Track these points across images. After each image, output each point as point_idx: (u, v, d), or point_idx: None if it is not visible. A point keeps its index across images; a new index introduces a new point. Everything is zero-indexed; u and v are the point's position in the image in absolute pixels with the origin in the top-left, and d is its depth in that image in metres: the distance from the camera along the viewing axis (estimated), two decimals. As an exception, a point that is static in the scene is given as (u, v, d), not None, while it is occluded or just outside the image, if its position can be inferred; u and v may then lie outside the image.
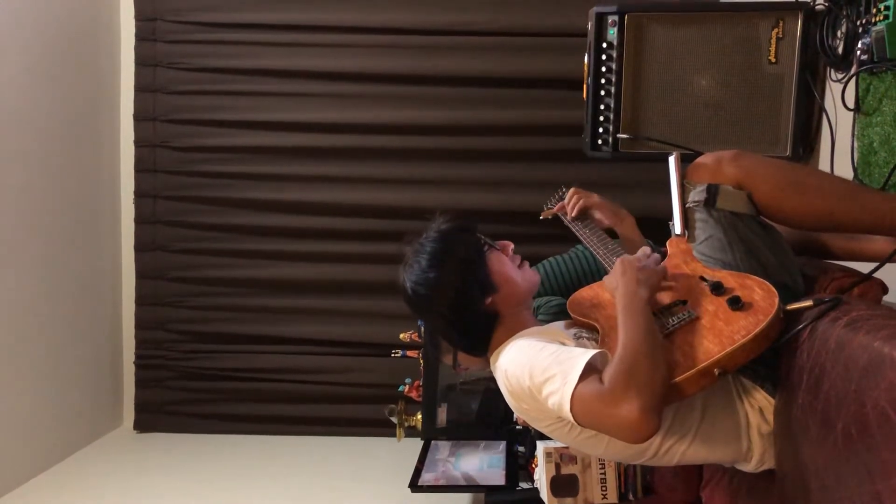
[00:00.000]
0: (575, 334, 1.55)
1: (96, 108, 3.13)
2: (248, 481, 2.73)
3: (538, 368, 1.36)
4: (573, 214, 1.83)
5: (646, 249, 1.52)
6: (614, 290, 1.42)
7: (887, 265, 1.39)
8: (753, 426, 1.40)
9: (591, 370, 1.29)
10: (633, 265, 1.42)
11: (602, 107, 2.38)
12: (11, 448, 2.65)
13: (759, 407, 1.40)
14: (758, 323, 1.26)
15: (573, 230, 1.87)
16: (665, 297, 1.43)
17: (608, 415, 1.22)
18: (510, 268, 1.63)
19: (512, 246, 1.68)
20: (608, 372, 1.25)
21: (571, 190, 1.87)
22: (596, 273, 2.21)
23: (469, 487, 2.35)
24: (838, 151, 2.22)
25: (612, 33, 2.34)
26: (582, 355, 1.32)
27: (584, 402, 1.26)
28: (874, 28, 1.92)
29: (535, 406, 1.42)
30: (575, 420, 1.29)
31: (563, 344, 1.45)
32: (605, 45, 2.35)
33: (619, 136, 2.38)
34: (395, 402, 2.66)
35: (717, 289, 1.37)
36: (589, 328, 1.57)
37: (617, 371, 1.23)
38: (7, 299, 2.62)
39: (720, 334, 1.28)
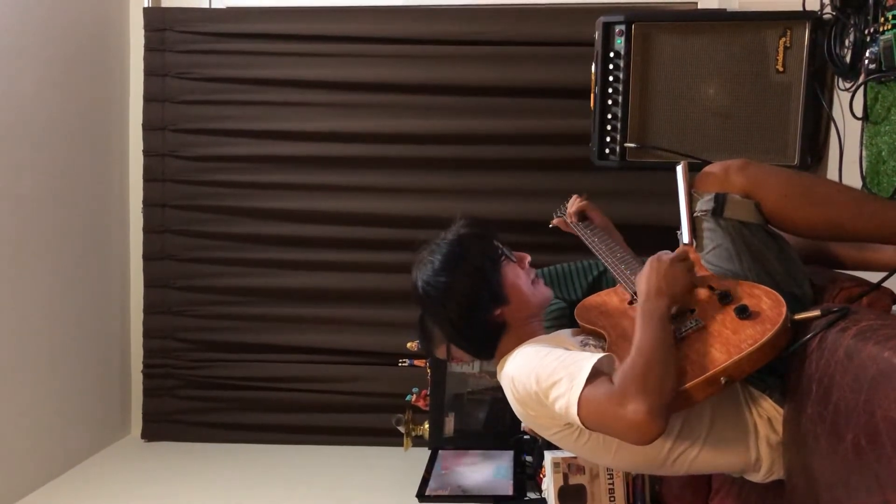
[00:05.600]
0: (581, 341, 1.55)
1: (105, 117, 3.15)
2: (256, 490, 2.72)
3: (544, 373, 1.36)
4: (573, 219, 1.90)
5: (682, 251, 1.48)
6: (639, 291, 1.41)
7: (896, 274, 1.39)
8: (762, 436, 1.39)
9: (597, 373, 1.29)
10: (659, 270, 1.40)
11: (609, 116, 2.39)
12: (19, 457, 2.65)
13: (767, 416, 1.39)
14: (765, 332, 1.26)
15: (581, 238, 1.87)
16: (673, 307, 1.42)
17: (615, 415, 1.22)
18: (524, 281, 1.63)
19: (528, 258, 1.67)
20: (619, 373, 1.26)
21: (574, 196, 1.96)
22: (595, 285, 2.21)
23: (476, 498, 2.34)
24: (846, 160, 2.22)
25: (620, 43, 2.34)
26: (588, 359, 1.32)
27: (591, 404, 1.27)
28: (882, 37, 1.93)
29: (542, 412, 1.42)
30: (582, 423, 1.29)
31: (569, 350, 1.45)
32: (612, 54, 2.36)
33: (627, 145, 2.38)
34: (402, 412, 2.65)
35: (725, 298, 1.37)
36: (596, 336, 1.56)
37: (628, 373, 1.24)
38: (15, 307, 2.63)
39: (727, 343, 1.28)
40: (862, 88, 2.08)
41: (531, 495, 2.33)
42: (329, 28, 3.03)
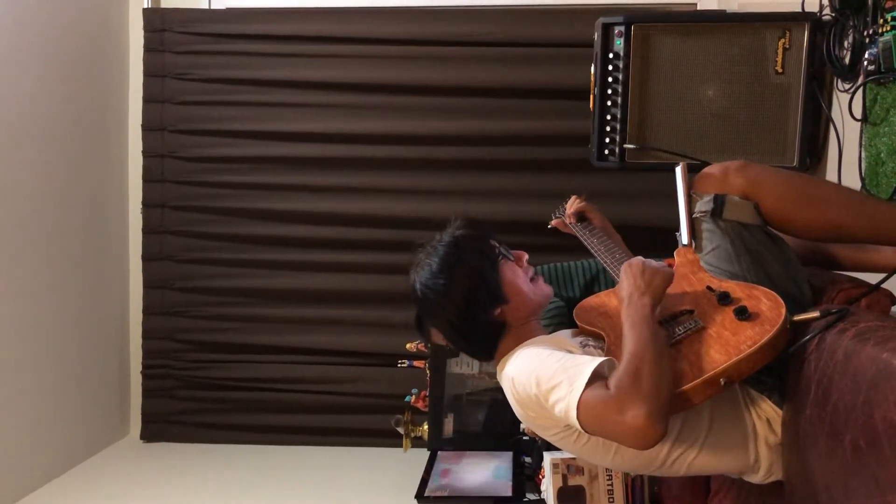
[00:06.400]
0: (581, 342, 1.55)
1: (105, 118, 3.15)
2: (255, 491, 2.72)
3: (545, 376, 1.36)
4: (572, 219, 1.89)
5: (649, 260, 1.51)
6: (621, 300, 1.42)
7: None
8: (761, 437, 1.39)
9: (597, 377, 1.29)
10: (636, 272, 1.41)
11: (609, 117, 2.39)
12: (18, 458, 2.65)
13: (766, 418, 1.39)
14: (764, 333, 1.26)
15: (580, 238, 1.87)
16: (672, 307, 1.43)
17: (614, 421, 1.22)
18: (523, 280, 1.63)
19: (526, 256, 1.67)
20: (614, 378, 1.25)
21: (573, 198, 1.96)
22: (592, 284, 2.22)
23: (475, 499, 2.34)
24: (846, 162, 2.22)
25: (619, 44, 2.34)
26: (589, 363, 1.32)
27: (590, 408, 1.26)
28: (881, 38, 1.93)
29: (541, 414, 1.42)
30: (581, 427, 1.29)
31: (570, 352, 1.45)
32: (611, 55, 2.36)
33: (626, 146, 2.38)
34: (401, 413, 2.65)
35: (724, 299, 1.37)
36: (595, 336, 1.56)
37: (623, 377, 1.24)
38: (14, 308, 2.63)
39: (726, 344, 1.28)
40: (861, 90, 2.08)
41: (530, 496, 2.33)
42: (328, 29, 3.03)
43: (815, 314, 1.27)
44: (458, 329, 1.61)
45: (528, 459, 2.50)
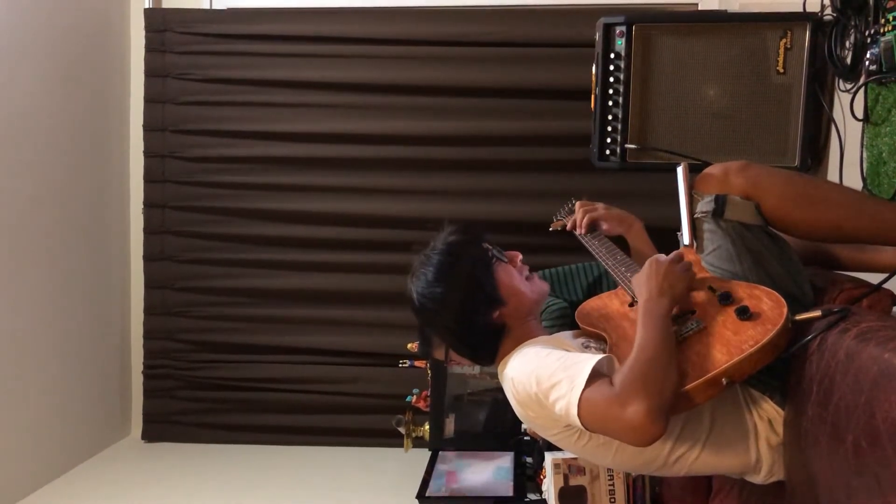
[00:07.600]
0: (583, 343, 1.55)
1: (106, 118, 3.15)
2: (256, 491, 2.72)
3: (544, 375, 1.36)
4: (583, 230, 1.81)
5: (679, 253, 1.49)
6: (639, 293, 1.42)
7: (897, 276, 1.39)
8: (762, 437, 1.39)
9: (597, 374, 1.29)
10: (658, 271, 1.41)
11: (610, 117, 2.38)
12: (19, 458, 2.65)
13: (767, 418, 1.39)
14: (766, 333, 1.26)
15: (583, 242, 1.87)
16: (674, 307, 1.42)
17: (615, 417, 1.22)
18: (518, 280, 1.63)
19: (520, 256, 1.67)
20: (619, 374, 1.26)
21: (577, 204, 1.86)
22: (595, 286, 2.21)
23: (477, 499, 2.34)
24: (847, 162, 2.21)
25: (620, 44, 2.34)
26: (588, 360, 1.32)
27: (591, 405, 1.26)
28: (882, 38, 1.93)
29: (542, 413, 1.42)
30: (582, 424, 1.29)
31: (569, 351, 1.45)
32: (613, 55, 2.36)
33: (627, 146, 2.38)
34: (402, 413, 2.65)
35: (726, 299, 1.37)
36: (597, 338, 1.56)
37: (628, 373, 1.24)
38: (15, 308, 2.63)
39: (728, 344, 1.28)
40: (862, 90, 2.08)
41: (531, 496, 2.33)
42: (329, 29, 3.03)
43: (817, 314, 1.27)
44: (459, 335, 1.62)
45: (529, 460, 2.50)
